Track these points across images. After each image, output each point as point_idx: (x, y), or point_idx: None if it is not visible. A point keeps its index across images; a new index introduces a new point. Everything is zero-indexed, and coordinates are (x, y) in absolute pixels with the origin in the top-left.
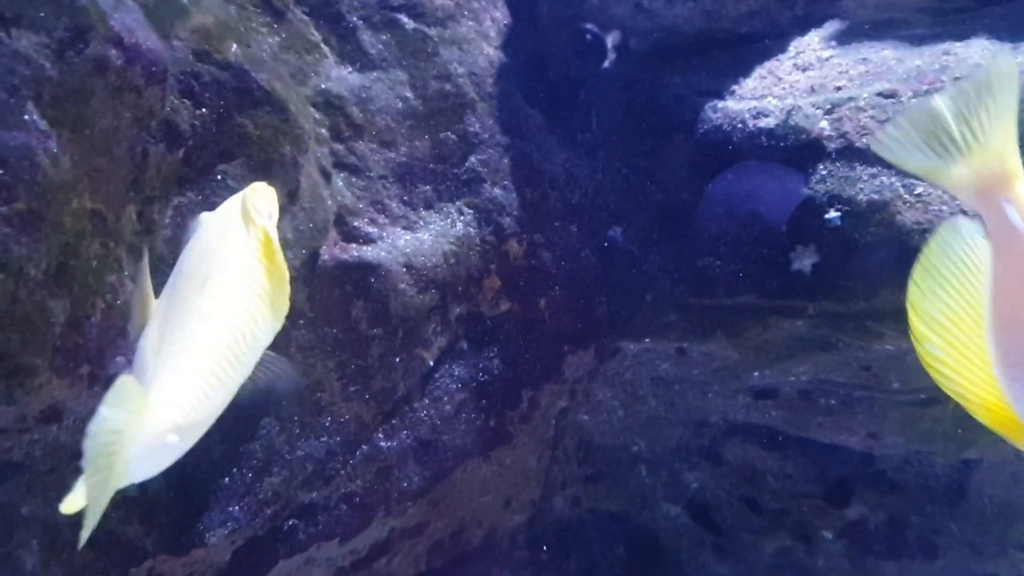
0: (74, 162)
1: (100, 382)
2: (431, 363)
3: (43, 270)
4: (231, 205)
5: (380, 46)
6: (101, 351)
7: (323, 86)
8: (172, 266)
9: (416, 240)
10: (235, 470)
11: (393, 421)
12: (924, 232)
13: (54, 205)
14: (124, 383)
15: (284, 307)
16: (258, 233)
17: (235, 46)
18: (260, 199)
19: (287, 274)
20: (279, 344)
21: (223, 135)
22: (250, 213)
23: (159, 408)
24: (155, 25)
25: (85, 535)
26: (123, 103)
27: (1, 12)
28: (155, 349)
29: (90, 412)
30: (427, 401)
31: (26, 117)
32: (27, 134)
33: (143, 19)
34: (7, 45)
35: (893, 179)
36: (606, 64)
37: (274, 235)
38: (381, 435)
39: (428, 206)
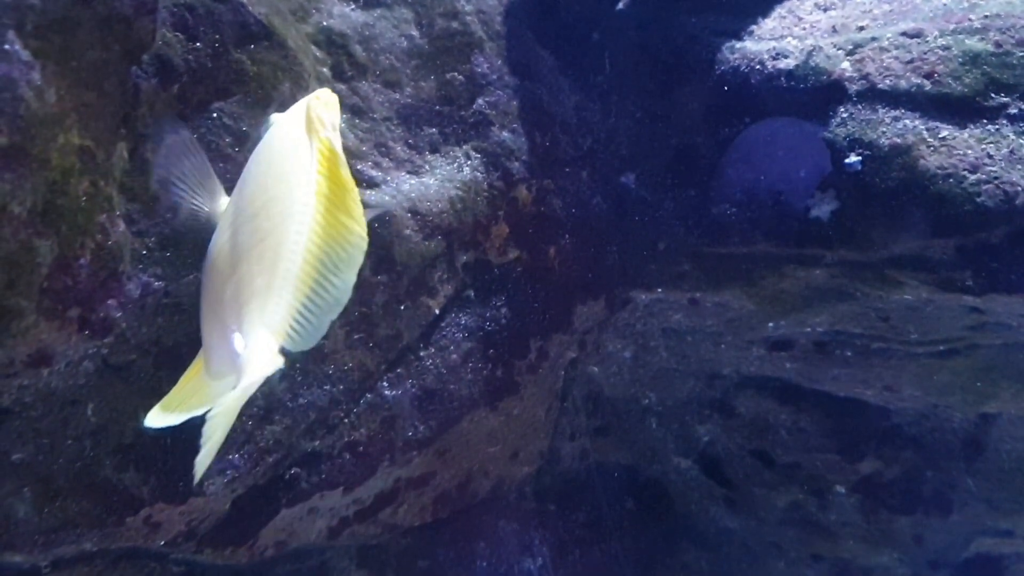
0: (60, 96)
1: (91, 325)
2: (437, 311)
3: (28, 208)
4: (297, 112)
5: None
6: (92, 293)
7: (325, 23)
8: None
9: (422, 185)
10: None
11: (398, 370)
12: (948, 177)
13: (39, 140)
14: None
15: (358, 221)
16: (321, 147)
17: None
18: (324, 109)
19: (354, 188)
20: None
21: (219, 71)
22: (314, 125)
23: (262, 347)
24: None
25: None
26: (112, 35)
27: None
28: (229, 273)
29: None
30: (433, 350)
31: (7, 47)
32: (8, 65)
33: None
34: None
35: (916, 122)
36: (620, 4)
37: (338, 147)
38: (386, 384)
39: (434, 150)
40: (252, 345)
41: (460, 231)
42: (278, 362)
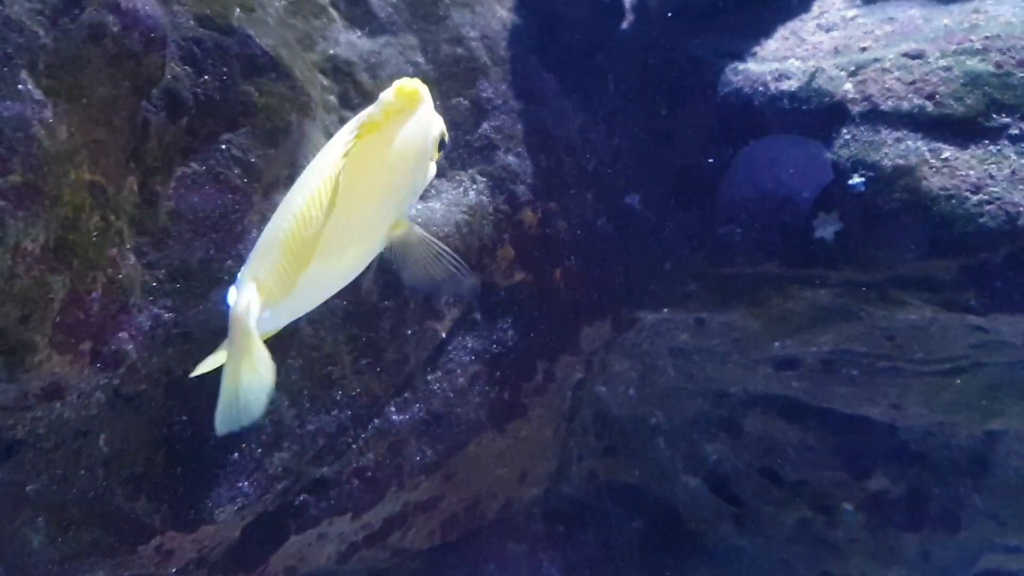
0: (71, 132)
1: (102, 358)
2: (443, 335)
3: (41, 244)
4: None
5: (390, 9)
6: (103, 326)
7: (331, 51)
8: (175, 238)
9: (428, 209)
10: (244, 445)
11: (405, 394)
12: (951, 198)
13: (52, 177)
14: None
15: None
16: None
17: (238, 10)
18: (391, 91)
19: (365, 161)
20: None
21: (227, 103)
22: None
23: (244, 295)
24: None
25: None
26: (121, 71)
27: None
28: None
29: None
30: (440, 374)
31: (20, 86)
32: (21, 104)
33: None
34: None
35: (919, 143)
36: (624, 25)
37: (383, 120)
38: (393, 408)
39: (440, 174)
40: (240, 297)
41: (466, 254)
42: (255, 310)
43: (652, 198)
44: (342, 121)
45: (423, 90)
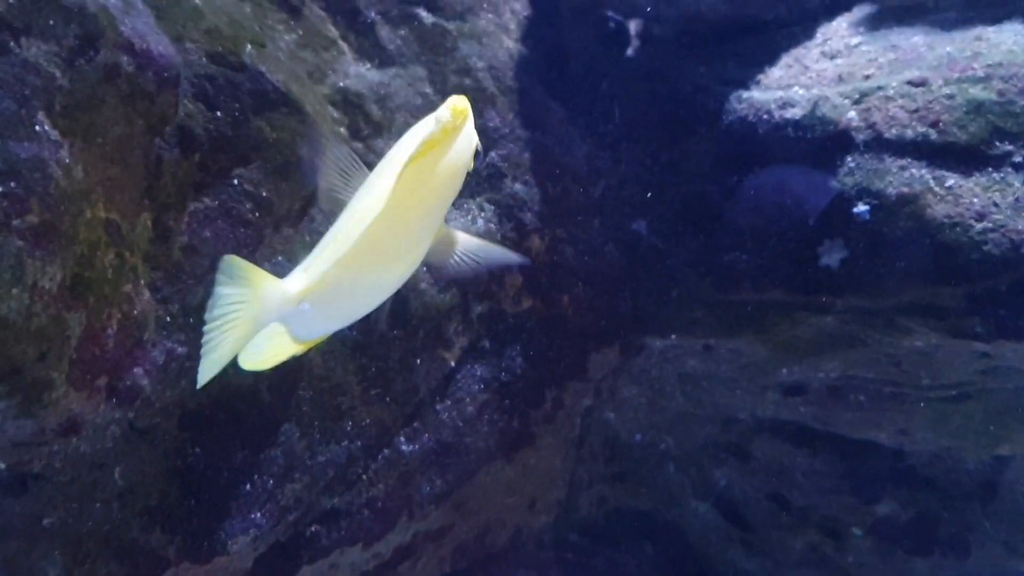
0: (87, 171)
1: (118, 393)
2: (453, 363)
3: (58, 282)
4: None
5: (399, 41)
6: (118, 362)
7: (341, 84)
8: (188, 273)
9: None
10: (256, 476)
11: (415, 424)
12: (955, 226)
13: (68, 216)
14: (229, 260)
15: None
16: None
17: (250, 47)
18: (445, 110)
19: (428, 176)
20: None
21: (239, 139)
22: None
23: (292, 281)
24: (166, 28)
25: (203, 380)
26: (135, 110)
27: (10, 22)
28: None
29: (107, 422)
30: (449, 402)
31: (37, 128)
32: (39, 145)
33: (154, 23)
34: (17, 55)
35: (923, 171)
36: (629, 52)
37: (440, 138)
38: (403, 438)
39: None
40: (285, 282)
41: (474, 282)
42: (290, 300)
43: (659, 224)
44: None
45: (468, 106)
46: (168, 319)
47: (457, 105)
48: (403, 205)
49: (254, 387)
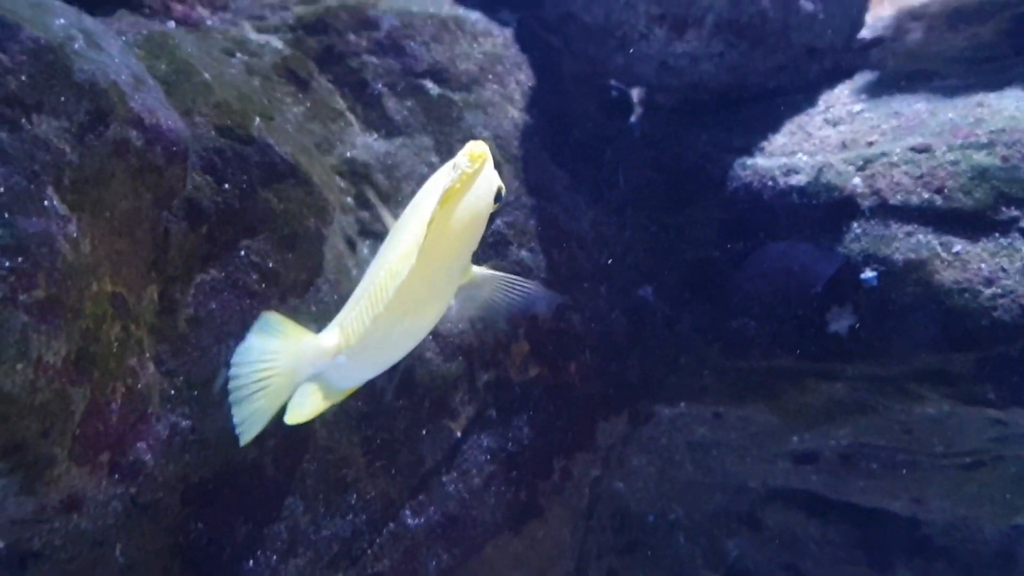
0: (94, 245)
1: (120, 469)
2: (459, 434)
3: (63, 357)
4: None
5: (405, 112)
6: (122, 437)
7: (348, 154)
8: (193, 345)
9: None
10: (260, 552)
11: (420, 496)
12: (964, 292)
13: (74, 290)
14: (267, 316)
15: (433, 253)
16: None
17: (258, 119)
18: (465, 159)
19: (453, 226)
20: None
21: (246, 210)
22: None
23: (328, 335)
24: (176, 102)
25: (248, 436)
26: (144, 184)
27: (22, 98)
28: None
29: (110, 499)
30: (455, 474)
31: (46, 203)
32: (47, 220)
33: (164, 98)
34: (28, 131)
35: (930, 237)
36: (632, 119)
37: (461, 186)
38: (408, 512)
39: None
40: (321, 336)
41: (481, 350)
42: (326, 354)
43: (665, 290)
44: (358, 221)
45: (487, 150)
46: (172, 392)
47: (475, 151)
48: (432, 256)
49: (258, 460)
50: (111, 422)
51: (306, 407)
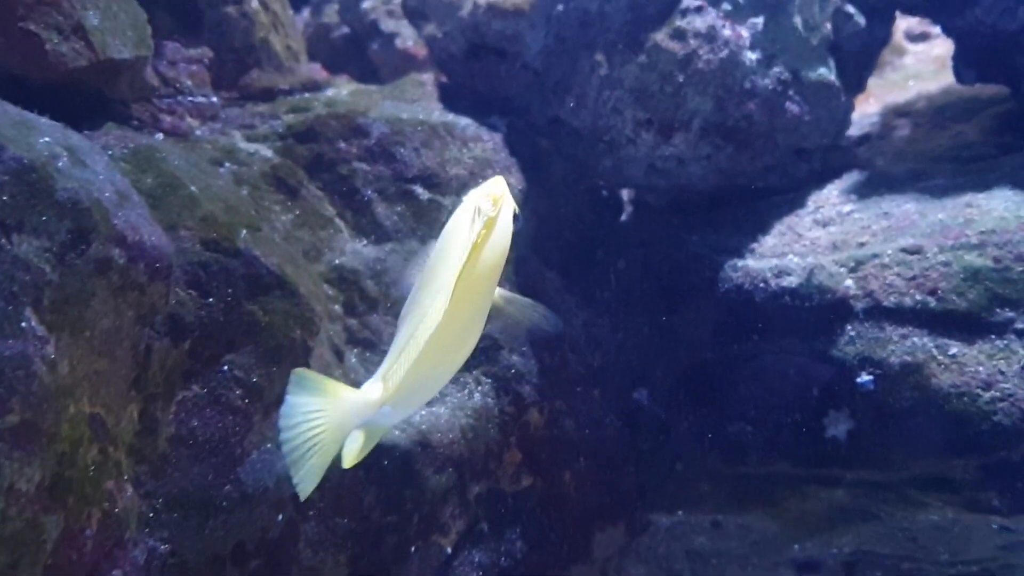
0: (73, 366)
1: None
2: (449, 550)
3: (36, 484)
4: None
5: (395, 217)
6: (96, 565)
7: (337, 261)
8: (173, 465)
9: (432, 415)
10: None
11: None
12: (963, 396)
13: (51, 414)
14: (301, 374)
15: (467, 298)
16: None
17: (244, 231)
18: (486, 201)
19: (479, 272)
20: (286, 539)
21: (231, 324)
22: (475, 216)
23: (372, 388)
24: (161, 217)
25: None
26: (126, 302)
27: (3, 219)
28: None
29: None
30: None
31: (23, 324)
32: (24, 342)
33: (148, 213)
34: (7, 252)
35: (925, 339)
36: (623, 218)
37: (487, 235)
38: None
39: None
40: (365, 390)
41: (472, 461)
42: (372, 407)
43: (660, 394)
44: (346, 329)
45: (505, 185)
46: (151, 515)
47: (495, 192)
48: (463, 303)
49: None
50: (86, 550)
51: (358, 451)
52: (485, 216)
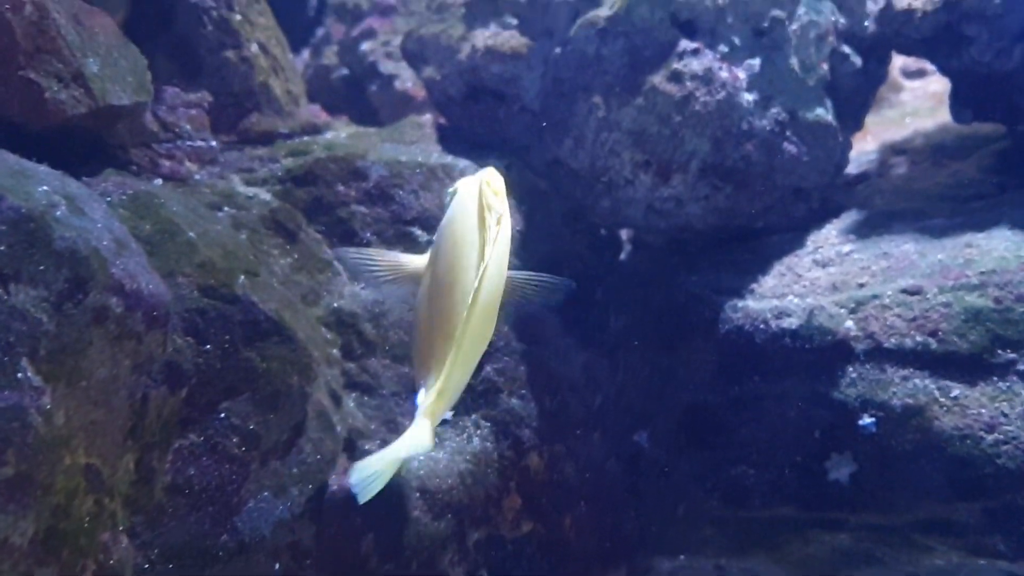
0: (68, 416)
1: None
2: None
3: (30, 537)
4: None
5: None
6: None
7: (335, 304)
8: (169, 515)
9: (430, 460)
10: None
11: None
12: (965, 439)
13: (45, 465)
14: (361, 471)
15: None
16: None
17: (243, 277)
18: (493, 197)
19: (496, 269)
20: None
21: (228, 371)
22: (484, 214)
23: (422, 431)
24: (159, 264)
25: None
26: (122, 350)
27: (0, 269)
28: (426, 332)
29: None
30: None
31: (19, 375)
32: (19, 393)
33: (146, 261)
34: (4, 302)
35: (927, 381)
36: (622, 258)
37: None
38: None
39: (442, 420)
40: (418, 418)
41: (471, 507)
42: (427, 445)
43: (661, 436)
44: (344, 373)
45: (500, 176)
46: (147, 566)
47: (495, 185)
48: (483, 305)
49: None
50: None
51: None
52: (497, 214)
